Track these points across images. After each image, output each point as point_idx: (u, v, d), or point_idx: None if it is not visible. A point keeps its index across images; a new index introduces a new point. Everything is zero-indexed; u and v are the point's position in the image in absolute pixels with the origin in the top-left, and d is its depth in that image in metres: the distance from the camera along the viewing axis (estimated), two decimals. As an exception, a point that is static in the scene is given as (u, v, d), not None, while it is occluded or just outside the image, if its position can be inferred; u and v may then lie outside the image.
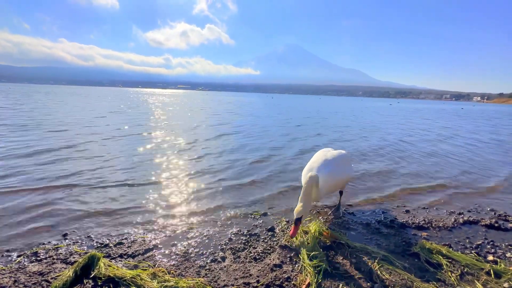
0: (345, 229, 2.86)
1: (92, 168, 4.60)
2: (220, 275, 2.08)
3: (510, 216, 3.33)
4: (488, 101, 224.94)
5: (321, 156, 3.10)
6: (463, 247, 2.59)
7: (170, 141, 7.38)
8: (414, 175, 4.91)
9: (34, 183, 3.80)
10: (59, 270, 2.05)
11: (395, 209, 3.45)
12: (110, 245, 2.42)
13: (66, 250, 2.34)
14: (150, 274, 1.99)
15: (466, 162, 6.10)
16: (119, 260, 2.21)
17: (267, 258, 2.31)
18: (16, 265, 2.11)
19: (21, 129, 7.96)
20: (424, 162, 5.99)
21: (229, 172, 4.70)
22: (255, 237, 2.66)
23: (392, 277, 2.04)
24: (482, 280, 2.07)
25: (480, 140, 9.89)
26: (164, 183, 4.07)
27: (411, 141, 8.92)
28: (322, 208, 3.41)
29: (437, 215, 3.31)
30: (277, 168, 5.03)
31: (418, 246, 2.47)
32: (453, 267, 2.22)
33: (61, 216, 2.94)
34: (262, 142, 7.74)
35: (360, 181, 4.48)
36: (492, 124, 17.03)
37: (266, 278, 2.03)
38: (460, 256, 2.35)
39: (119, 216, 3.00)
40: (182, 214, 3.11)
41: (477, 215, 3.33)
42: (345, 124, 13.84)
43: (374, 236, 2.74)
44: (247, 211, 3.23)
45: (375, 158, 6.21)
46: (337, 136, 9.51)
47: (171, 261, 2.24)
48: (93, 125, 9.67)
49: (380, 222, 3.03)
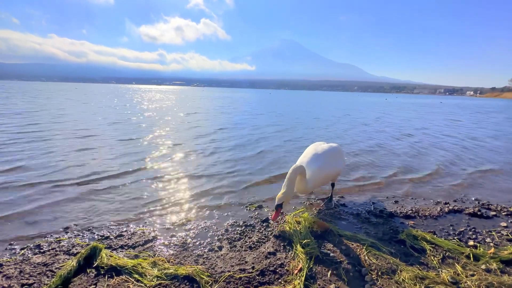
0: (336, 219, 3.00)
1: (90, 162, 4.65)
2: (217, 262, 2.19)
3: (493, 204, 3.51)
4: (481, 96, 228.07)
5: (311, 151, 3.23)
6: (446, 234, 2.75)
7: (168, 136, 7.42)
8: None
9: (35, 178, 3.85)
10: (62, 261, 2.14)
11: (385, 199, 3.60)
12: (111, 237, 2.51)
13: (68, 242, 2.42)
14: (151, 263, 2.09)
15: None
16: (120, 251, 2.31)
17: (261, 246, 2.43)
18: (21, 257, 2.19)
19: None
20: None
21: (226, 167, 4.80)
22: (251, 227, 2.77)
23: (378, 262, 2.18)
24: (462, 263, 2.23)
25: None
26: (162, 177, 4.15)
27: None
28: (315, 199, 3.54)
29: (424, 205, 3.48)
30: (272, 161, 5.15)
31: (404, 233, 2.62)
32: (436, 252, 2.37)
33: (61, 210, 3.02)
34: (257, 137, 7.84)
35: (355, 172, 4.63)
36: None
37: (260, 264, 2.15)
38: (443, 242, 2.50)
39: (118, 209, 3.08)
40: (180, 207, 3.21)
41: (461, 205, 3.50)
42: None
43: (363, 225, 2.88)
44: (242, 204, 3.35)
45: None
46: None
47: (170, 251, 2.34)
48: (86, 120, 9.64)
49: (370, 212, 3.18)
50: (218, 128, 9.05)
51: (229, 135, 8.14)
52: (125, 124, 9.71)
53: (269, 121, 12.13)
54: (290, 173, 2.73)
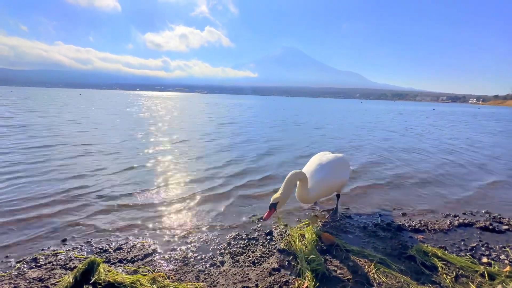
0: (342, 232, 2.90)
1: (89, 174, 4.60)
2: (219, 279, 2.10)
3: (505, 218, 3.38)
4: (484, 103, 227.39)
5: (316, 160, 3.16)
6: (458, 250, 2.64)
7: (169, 146, 7.39)
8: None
9: (32, 187, 3.80)
10: (59, 276, 2.06)
11: (392, 212, 3.49)
12: (109, 250, 2.43)
13: (65, 255, 2.35)
14: (150, 279, 2.00)
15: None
16: (119, 265, 2.23)
17: (265, 262, 2.33)
18: (16, 271, 2.11)
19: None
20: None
21: (228, 178, 4.72)
22: (254, 241, 2.68)
23: (388, 280, 2.08)
24: (477, 282, 2.11)
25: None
26: (162, 189, 4.08)
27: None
28: (320, 211, 3.45)
29: (433, 217, 3.36)
30: (275, 172, 5.07)
31: (414, 249, 2.51)
32: (448, 270, 2.25)
33: (59, 222, 2.94)
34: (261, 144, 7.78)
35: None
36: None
37: (264, 282, 2.05)
38: (455, 258, 2.39)
39: (118, 221, 3.01)
40: (181, 219, 3.13)
41: (472, 218, 3.38)
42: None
43: (371, 239, 2.77)
44: (245, 216, 3.26)
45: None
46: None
47: (170, 265, 2.26)
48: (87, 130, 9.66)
49: (377, 225, 3.07)
50: (230, 138, 9.02)
51: (229, 145, 8.08)
52: (130, 133, 9.72)
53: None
54: (290, 176, 2.68)
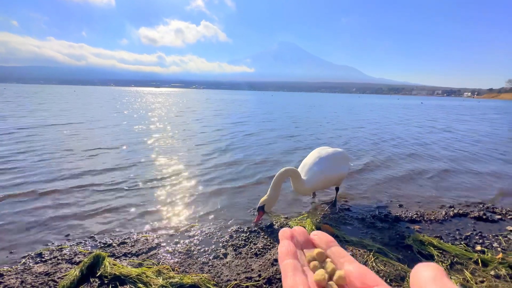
0: (341, 224, 2.97)
1: (92, 169, 4.60)
2: (223, 270, 2.15)
3: (498, 208, 3.49)
4: (478, 97, 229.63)
5: (315, 153, 3.22)
6: (453, 239, 2.73)
7: (172, 142, 7.38)
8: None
9: (36, 184, 3.80)
10: (64, 270, 2.09)
11: (389, 203, 3.57)
12: (113, 245, 2.47)
13: (70, 250, 2.38)
14: (155, 271, 2.05)
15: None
16: (124, 259, 2.27)
17: (267, 253, 2.39)
18: (22, 266, 2.14)
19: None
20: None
21: (229, 172, 4.76)
22: (255, 233, 2.74)
23: (386, 268, 2.15)
24: (471, 269, 2.20)
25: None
26: (164, 183, 4.11)
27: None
28: (319, 204, 3.51)
29: (429, 208, 3.45)
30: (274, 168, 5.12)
31: (411, 238, 2.59)
32: (443, 258, 2.34)
33: (63, 217, 2.96)
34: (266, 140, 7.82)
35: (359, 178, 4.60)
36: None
37: (267, 272, 2.11)
38: (450, 247, 2.48)
39: (121, 216, 3.04)
40: (183, 213, 3.17)
41: (466, 208, 3.47)
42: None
43: (369, 230, 2.85)
44: (246, 209, 3.31)
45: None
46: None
47: (175, 258, 2.30)
48: (83, 127, 9.60)
49: (375, 217, 3.15)
50: (222, 135, 9.02)
51: (234, 141, 8.10)
52: (134, 128, 9.67)
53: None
54: (275, 177, 2.73)
